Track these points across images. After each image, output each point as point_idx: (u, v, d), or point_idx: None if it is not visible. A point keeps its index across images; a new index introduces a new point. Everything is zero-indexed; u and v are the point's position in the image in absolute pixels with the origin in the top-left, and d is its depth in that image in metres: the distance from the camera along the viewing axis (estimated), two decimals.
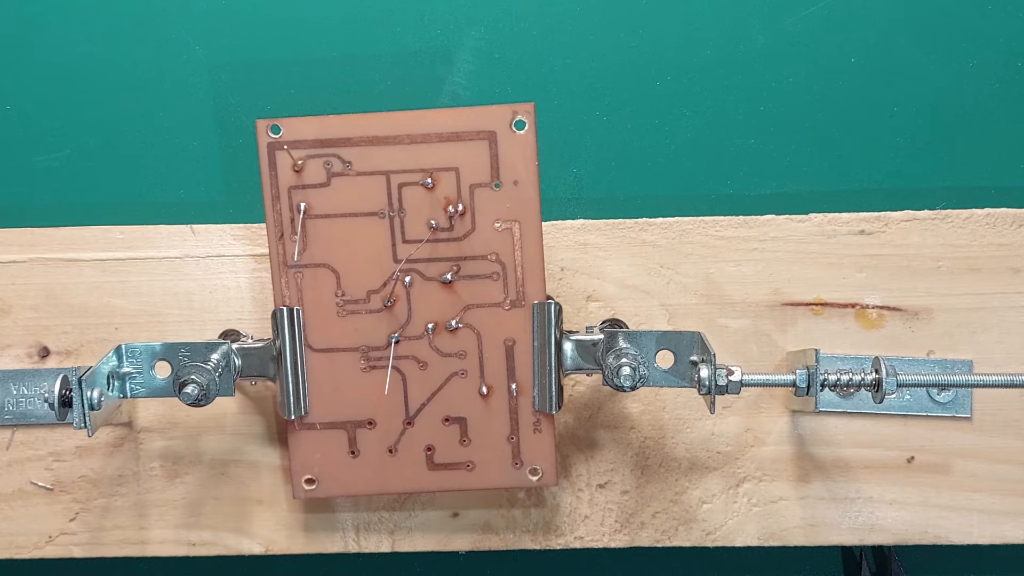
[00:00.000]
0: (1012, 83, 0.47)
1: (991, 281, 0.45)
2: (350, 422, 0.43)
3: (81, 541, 0.46)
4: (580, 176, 0.47)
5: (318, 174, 0.41)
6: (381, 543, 0.46)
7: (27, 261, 0.46)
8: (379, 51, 0.47)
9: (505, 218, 0.41)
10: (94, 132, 0.48)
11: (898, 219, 0.45)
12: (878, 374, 0.40)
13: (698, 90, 0.47)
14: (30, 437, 0.46)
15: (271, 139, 0.41)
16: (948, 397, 0.45)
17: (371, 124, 0.41)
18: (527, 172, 0.41)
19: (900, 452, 0.45)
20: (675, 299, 0.46)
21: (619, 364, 0.41)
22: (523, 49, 0.47)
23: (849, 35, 0.47)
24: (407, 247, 0.42)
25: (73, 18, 0.47)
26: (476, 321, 0.42)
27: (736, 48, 0.47)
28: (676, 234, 0.46)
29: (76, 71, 0.48)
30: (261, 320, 0.46)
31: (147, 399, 0.45)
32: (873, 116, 0.47)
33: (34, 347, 0.46)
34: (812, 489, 0.45)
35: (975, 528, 0.45)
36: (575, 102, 0.47)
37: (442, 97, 0.47)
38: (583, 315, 0.46)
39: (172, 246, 0.46)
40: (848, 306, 0.45)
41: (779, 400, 0.46)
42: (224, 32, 0.47)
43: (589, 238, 0.46)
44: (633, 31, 0.47)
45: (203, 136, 0.47)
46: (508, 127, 0.41)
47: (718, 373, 0.40)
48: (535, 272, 0.42)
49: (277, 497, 0.46)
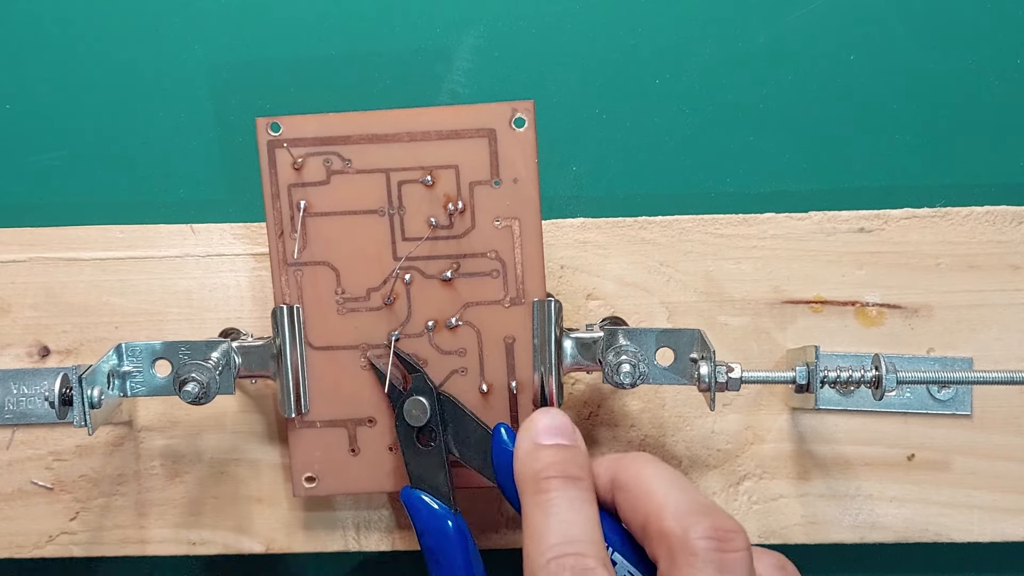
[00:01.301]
0: (1011, 81, 0.47)
1: (991, 278, 0.45)
2: (351, 420, 0.43)
3: (81, 540, 0.46)
4: (580, 174, 0.47)
5: (318, 172, 0.41)
6: (381, 542, 0.46)
7: (27, 260, 0.46)
8: (379, 50, 0.47)
9: (505, 215, 0.41)
10: (94, 132, 0.48)
11: (898, 217, 0.45)
12: (878, 371, 0.40)
13: (697, 88, 0.47)
14: (30, 436, 0.46)
15: (271, 137, 0.41)
16: (948, 394, 0.45)
17: (371, 122, 0.41)
18: (527, 170, 0.41)
19: (900, 449, 0.45)
20: (675, 297, 0.46)
21: (619, 361, 0.41)
22: (522, 48, 0.47)
23: (848, 33, 0.47)
24: (407, 245, 0.42)
25: (73, 18, 0.47)
26: (476, 319, 0.42)
27: (735, 46, 0.47)
28: (676, 232, 0.46)
29: (76, 71, 0.48)
30: (261, 319, 0.46)
31: (147, 398, 0.45)
32: (872, 114, 0.47)
33: (34, 346, 0.46)
34: (812, 487, 0.45)
35: (975, 525, 0.45)
36: (574, 100, 0.47)
37: (441, 96, 0.47)
38: (583, 313, 0.46)
39: (172, 245, 0.46)
40: (848, 304, 0.45)
41: (779, 398, 0.46)
42: (224, 31, 0.47)
43: (589, 236, 0.46)
44: (632, 29, 0.47)
45: (203, 135, 0.47)
46: (508, 125, 0.41)
47: (718, 370, 0.40)
48: (535, 269, 0.42)
49: (277, 496, 0.46)
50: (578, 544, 0.35)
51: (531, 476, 0.37)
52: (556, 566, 0.34)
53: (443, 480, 0.41)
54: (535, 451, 0.38)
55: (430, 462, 0.41)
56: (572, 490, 0.36)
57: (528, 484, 0.37)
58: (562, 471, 0.37)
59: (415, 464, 0.41)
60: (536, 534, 0.35)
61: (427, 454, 0.41)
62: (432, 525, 0.40)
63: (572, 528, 0.35)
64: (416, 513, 0.41)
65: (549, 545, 0.35)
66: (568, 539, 0.35)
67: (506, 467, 0.39)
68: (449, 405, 0.41)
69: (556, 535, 0.35)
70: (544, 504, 0.36)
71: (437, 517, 0.40)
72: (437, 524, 0.40)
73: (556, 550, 0.34)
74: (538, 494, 0.36)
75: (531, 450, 0.38)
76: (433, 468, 0.41)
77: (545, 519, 0.35)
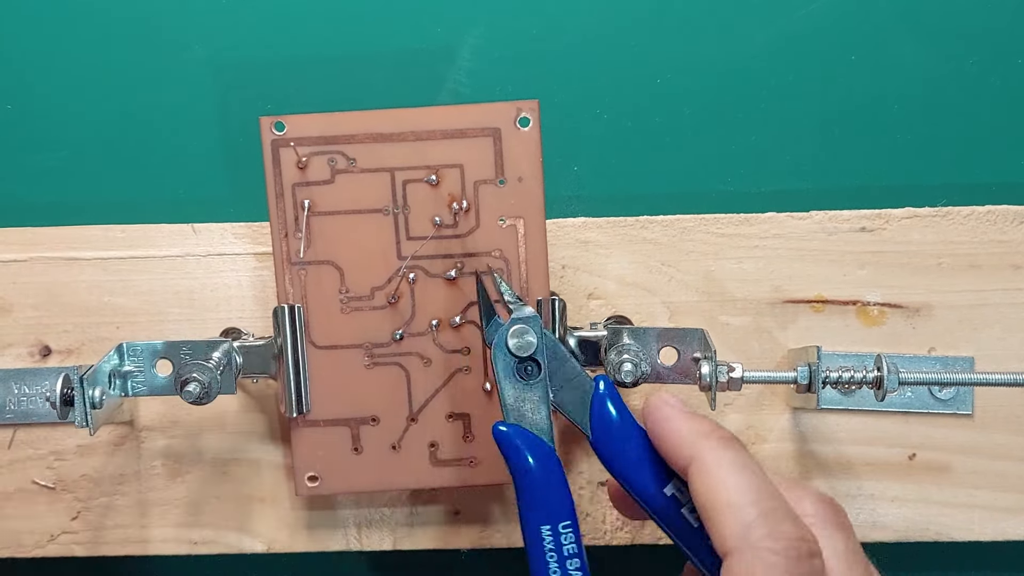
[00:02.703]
0: (1012, 80, 0.47)
1: (992, 278, 0.45)
2: (354, 419, 0.43)
3: (83, 540, 0.46)
4: (581, 174, 0.47)
5: (322, 171, 0.41)
6: (383, 541, 0.46)
7: (28, 260, 0.46)
8: (382, 50, 0.47)
9: (509, 214, 0.41)
10: (94, 131, 0.48)
11: (899, 216, 0.45)
12: (880, 372, 0.41)
13: (699, 88, 0.47)
14: (32, 436, 0.46)
15: (275, 136, 0.41)
16: (949, 394, 0.45)
17: (376, 121, 0.41)
18: (531, 168, 0.41)
19: (901, 449, 0.45)
20: (676, 296, 0.46)
21: (621, 360, 0.41)
22: (524, 48, 0.47)
23: (850, 32, 0.47)
24: (411, 244, 0.42)
25: (74, 17, 0.47)
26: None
27: (737, 46, 0.47)
28: (677, 232, 0.46)
29: (77, 70, 0.47)
30: (262, 318, 0.46)
31: (148, 397, 0.45)
32: (874, 113, 0.47)
33: (35, 346, 0.46)
34: (814, 486, 0.45)
35: (976, 525, 0.45)
36: (576, 100, 0.47)
37: (444, 96, 0.47)
38: (584, 313, 0.46)
39: (173, 244, 0.46)
40: (849, 303, 0.45)
41: (780, 397, 0.46)
42: (226, 30, 0.47)
43: (590, 236, 0.46)
44: (634, 29, 0.47)
45: (203, 134, 0.47)
46: (512, 124, 0.41)
47: (719, 369, 0.40)
48: (539, 268, 0.42)
49: (279, 495, 0.46)
50: (779, 499, 0.34)
51: (703, 434, 0.36)
52: (774, 516, 0.33)
53: (545, 416, 0.38)
54: (694, 415, 0.36)
55: (532, 396, 0.38)
56: (746, 451, 0.36)
57: (703, 440, 0.35)
58: (731, 434, 0.36)
59: (515, 398, 0.38)
60: (737, 485, 0.34)
61: (529, 388, 0.38)
62: (538, 454, 0.37)
63: (766, 484, 0.34)
64: (513, 449, 0.38)
65: (755, 498, 0.34)
66: (773, 493, 0.34)
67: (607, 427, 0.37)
68: (551, 344, 0.39)
69: (757, 490, 0.34)
70: (733, 455, 0.35)
71: (542, 447, 0.38)
72: (543, 454, 0.37)
73: (763, 503, 0.34)
74: (724, 449, 0.35)
75: (689, 414, 0.37)
76: (534, 403, 0.38)
77: (742, 472, 0.34)
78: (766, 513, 0.34)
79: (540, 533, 0.37)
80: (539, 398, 0.38)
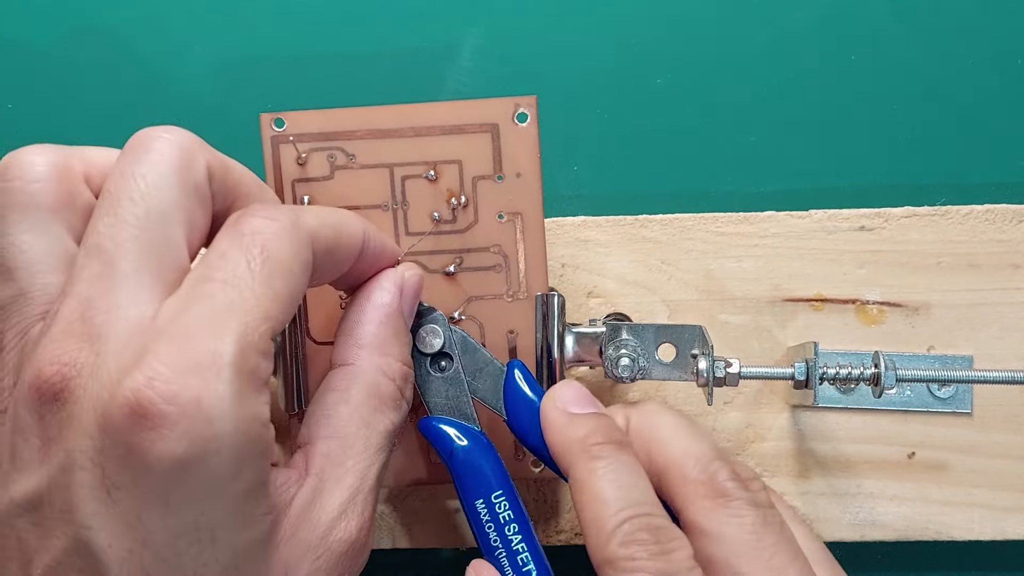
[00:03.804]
0: (1011, 79, 0.47)
1: (991, 277, 0.45)
2: None
3: None
4: (580, 172, 0.48)
5: (322, 167, 0.41)
6: (381, 539, 0.46)
7: None
8: (382, 48, 0.47)
9: (508, 210, 0.41)
10: (95, 131, 0.48)
11: (898, 215, 0.45)
12: (877, 368, 0.41)
13: (698, 87, 0.47)
14: None
15: (275, 132, 0.41)
16: (948, 393, 0.45)
17: (374, 117, 0.41)
18: (530, 164, 0.41)
19: (901, 448, 0.45)
20: (676, 295, 0.46)
21: (619, 355, 0.41)
22: (523, 47, 0.47)
23: (849, 31, 0.47)
24: (410, 239, 0.42)
25: (74, 16, 0.48)
26: (479, 313, 0.42)
27: (737, 45, 0.47)
28: (677, 230, 0.46)
29: (76, 69, 0.48)
30: None
31: None
32: (873, 112, 0.47)
33: None
34: (812, 485, 0.45)
35: (976, 524, 0.45)
36: (575, 98, 0.48)
37: (444, 94, 0.47)
38: (584, 311, 0.46)
39: None
40: (848, 302, 0.45)
41: (779, 395, 0.46)
42: (226, 28, 0.47)
43: (590, 234, 0.46)
44: (634, 27, 0.47)
45: (203, 132, 0.47)
46: (511, 120, 0.41)
47: (716, 365, 0.40)
48: (538, 264, 0.42)
49: None
50: (644, 506, 0.36)
51: (577, 443, 0.37)
52: (631, 526, 0.35)
53: (466, 401, 0.40)
54: (572, 419, 0.38)
55: (449, 387, 0.40)
56: (623, 455, 0.37)
57: (576, 452, 0.37)
58: (608, 437, 0.37)
59: (434, 392, 0.40)
60: (599, 499, 0.36)
61: (445, 380, 0.40)
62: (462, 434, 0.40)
63: (634, 491, 0.36)
64: (436, 435, 0.40)
65: (617, 509, 0.35)
66: (634, 502, 0.36)
67: (521, 409, 0.40)
68: (460, 338, 0.41)
69: (621, 499, 0.36)
70: (601, 470, 0.36)
71: (465, 429, 0.40)
72: (466, 434, 0.40)
73: (626, 512, 0.35)
74: (592, 460, 0.37)
75: (566, 419, 0.38)
76: (454, 392, 0.40)
77: (606, 484, 0.36)
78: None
79: (476, 508, 0.39)
80: (458, 386, 0.40)
